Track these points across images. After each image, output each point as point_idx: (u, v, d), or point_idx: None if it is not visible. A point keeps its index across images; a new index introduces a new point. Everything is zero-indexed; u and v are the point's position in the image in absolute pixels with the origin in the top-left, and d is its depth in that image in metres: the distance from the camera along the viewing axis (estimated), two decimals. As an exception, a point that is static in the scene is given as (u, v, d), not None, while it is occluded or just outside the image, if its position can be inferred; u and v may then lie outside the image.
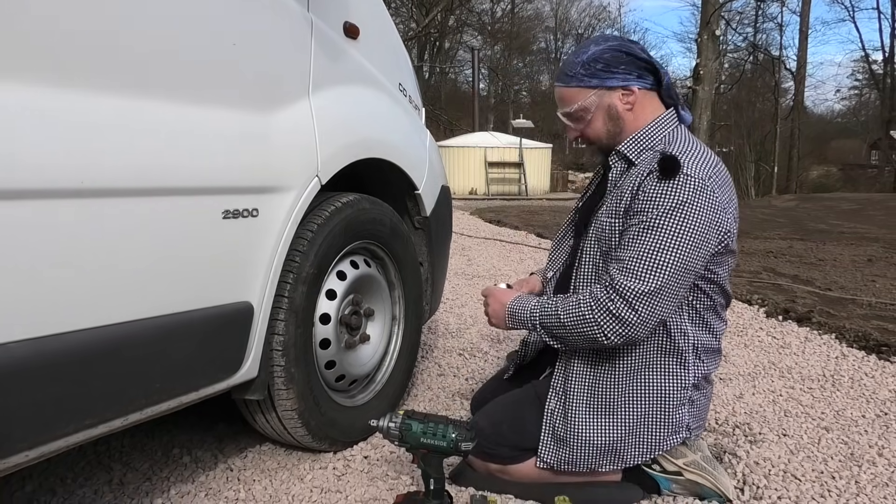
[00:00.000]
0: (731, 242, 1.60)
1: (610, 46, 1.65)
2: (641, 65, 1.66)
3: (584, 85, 1.66)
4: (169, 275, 1.34)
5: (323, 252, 1.78)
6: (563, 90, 1.70)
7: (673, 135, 1.65)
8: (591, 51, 1.65)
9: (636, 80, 1.65)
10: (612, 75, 1.64)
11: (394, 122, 2.20)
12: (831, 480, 1.80)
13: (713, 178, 1.54)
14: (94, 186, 1.17)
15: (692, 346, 1.64)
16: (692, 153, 1.57)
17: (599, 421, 1.64)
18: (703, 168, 1.54)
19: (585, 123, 1.70)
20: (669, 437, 1.64)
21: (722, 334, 1.73)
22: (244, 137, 1.52)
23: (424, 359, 2.87)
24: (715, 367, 1.73)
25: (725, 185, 1.59)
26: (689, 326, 1.63)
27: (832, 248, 6.88)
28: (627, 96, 1.65)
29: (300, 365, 1.73)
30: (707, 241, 1.52)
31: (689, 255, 1.50)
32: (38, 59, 1.11)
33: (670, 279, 1.50)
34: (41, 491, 1.74)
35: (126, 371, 1.28)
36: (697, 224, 1.50)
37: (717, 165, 1.59)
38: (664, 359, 1.63)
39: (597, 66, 1.64)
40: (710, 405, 1.76)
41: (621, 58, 1.64)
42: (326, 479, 1.81)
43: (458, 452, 1.54)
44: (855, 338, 3.23)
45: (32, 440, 1.14)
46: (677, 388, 1.63)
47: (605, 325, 1.52)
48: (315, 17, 1.78)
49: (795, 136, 29.95)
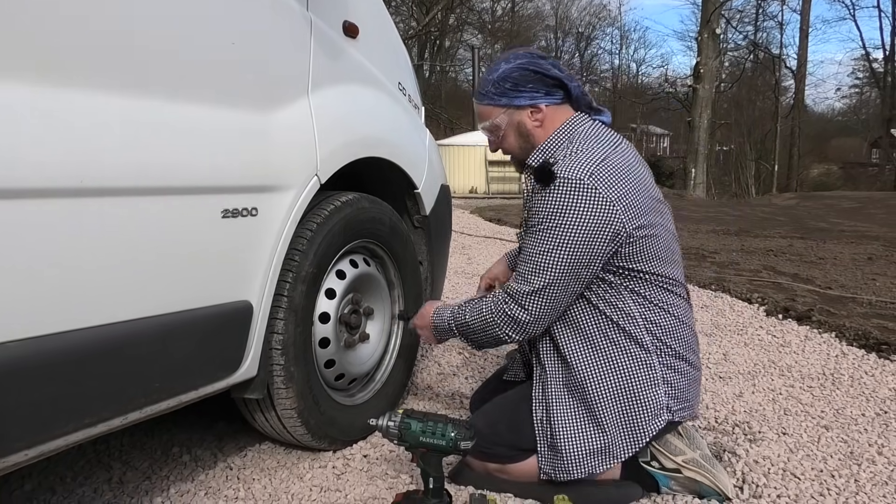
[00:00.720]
0: (634, 229, 1.58)
1: (519, 65, 1.69)
2: (550, 82, 1.70)
3: (494, 103, 1.73)
4: (168, 274, 1.34)
5: (322, 251, 1.78)
6: (478, 107, 1.78)
7: (573, 139, 1.68)
8: (502, 69, 1.70)
9: (544, 98, 1.70)
10: (519, 94, 1.69)
11: (393, 121, 2.20)
12: (831, 479, 1.80)
13: (595, 174, 1.56)
14: (94, 185, 1.17)
15: (644, 329, 1.65)
16: (577, 154, 1.61)
17: (581, 423, 1.65)
18: (583, 168, 1.57)
19: (500, 138, 1.77)
20: (652, 421, 1.63)
21: (681, 307, 1.71)
22: (243, 136, 1.52)
23: (424, 357, 2.87)
24: (685, 342, 1.70)
25: (616, 175, 1.59)
26: (635, 309, 1.64)
27: (832, 246, 6.88)
28: (536, 114, 1.71)
29: (299, 364, 1.74)
30: (591, 239, 1.56)
31: (571, 254, 1.56)
32: (39, 59, 1.11)
33: (555, 279, 1.58)
34: (41, 490, 1.74)
35: (125, 370, 1.28)
36: (576, 224, 1.55)
37: (607, 159, 1.60)
38: (620, 346, 1.64)
39: (506, 84, 1.69)
40: (696, 387, 1.73)
41: (529, 76, 1.68)
42: (326, 477, 1.81)
43: (457, 451, 1.54)
44: (855, 336, 3.23)
45: (32, 439, 1.14)
46: (642, 370, 1.63)
47: (503, 325, 1.64)
48: (314, 16, 1.78)
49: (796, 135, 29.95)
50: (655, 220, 1.65)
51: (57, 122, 1.13)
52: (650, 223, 1.63)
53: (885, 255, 6.19)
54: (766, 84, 32.79)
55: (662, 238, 1.67)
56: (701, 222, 9.90)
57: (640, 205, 1.61)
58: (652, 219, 1.64)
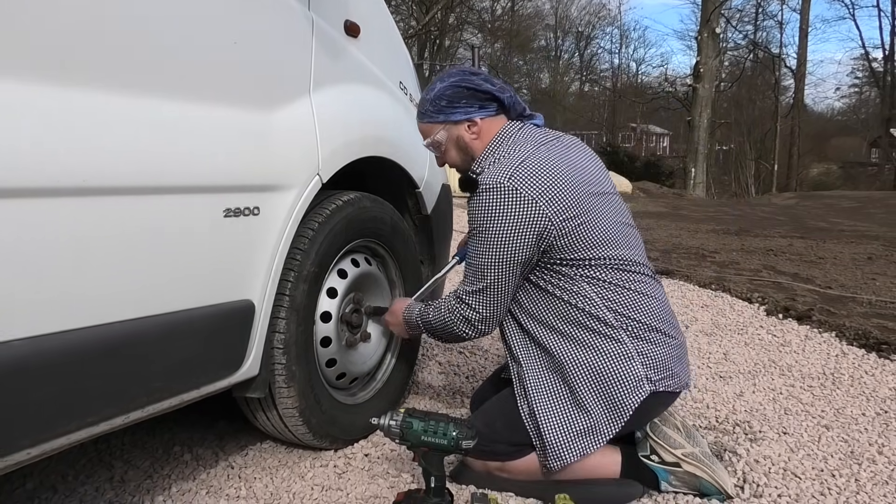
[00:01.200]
0: (562, 221, 1.63)
1: (452, 83, 1.77)
2: (482, 96, 1.78)
3: (432, 121, 1.81)
4: (170, 273, 1.35)
5: (324, 250, 1.78)
6: (419, 125, 1.87)
7: (501, 146, 1.76)
8: (437, 88, 1.78)
9: (478, 111, 1.78)
10: (454, 110, 1.78)
11: (395, 121, 2.20)
12: (831, 478, 1.80)
13: (514, 175, 1.64)
14: (97, 185, 1.18)
15: (605, 307, 1.67)
16: (501, 160, 1.71)
17: (564, 408, 1.67)
18: (502, 172, 1.65)
19: (442, 153, 1.86)
20: (632, 395, 1.64)
21: (642, 283, 1.73)
22: (245, 136, 1.52)
23: (425, 357, 2.87)
24: (654, 314, 1.71)
25: (539, 174, 1.64)
26: (591, 291, 1.68)
27: (832, 246, 6.88)
28: (472, 127, 1.79)
29: (301, 363, 1.74)
30: (519, 236, 1.63)
31: (504, 253, 1.65)
32: (41, 58, 1.11)
33: (494, 278, 1.68)
34: (42, 488, 1.75)
35: (127, 369, 1.28)
36: (503, 225, 1.63)
37: (527, 160, 1.67)
38: (587, 327, 1.67)
39: (441, 102, 1.78)
40: (677, 355, 1.73)
41: (462, 93, 1.77)
42: (327, 476, 1.81)
43: (458, 450, 1.55)
44: (855, 336, 3.23)
45: (34, 437, 1.14)
46: (612, 345, 1.66)
47: (458, 324, 1.76)
48: (316, 15, 1.78)
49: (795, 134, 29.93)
50: (589, 209, 1.68)
51: (59, 122, 1.13)
52: (582, 213, 1.67)
53: (884, 254, 6.19)
54: (766, 83, 32.78)
55: (600, 226, 1.70)
56: (701, 222, 9.90)
57: (566, 197, 1.65)
58: (584, 209, 1.67)
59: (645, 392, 1.64)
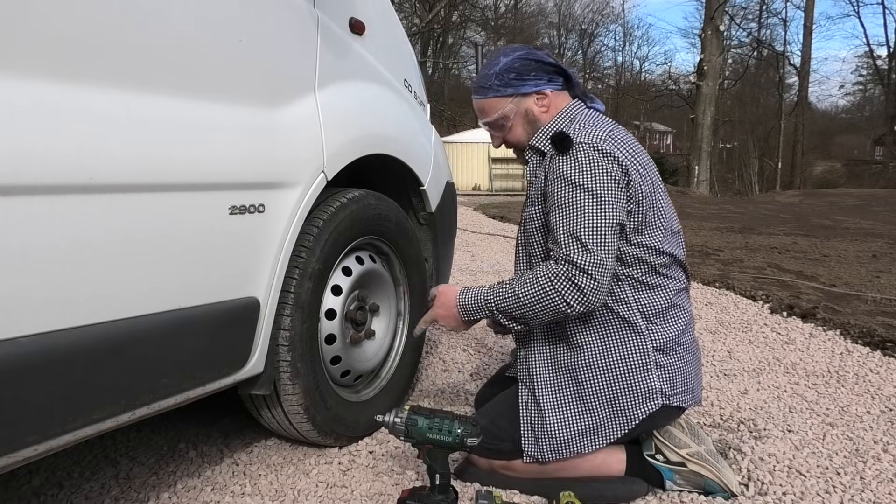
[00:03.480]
0: (638, 194, 1.63)
1: (518, 56, 1.75)
2: (550, 69, 1.76)
3: (500, 94, 1.77)
4: (176, 270, 1.35)
5: (329, 248, 1.78)
6: (483, 102, 1.80)
7: (574, 121, 1.74)
8: (503, 62, 1.75)
9: (548, 84, 1.76)
10: (524, 82, 1.75)
11: (399, 118, 2.20)
12: (836, 476, 1.80)
13: (608, 139, 1.62)
14: (103, 182, 1.18)
15: (640, 313, 1.66)
16: (586, 126, 1.68)
17: (570, 404, 1.67)
18: (595, 134, 1.63)
19: (507, 130, 1.81)
20: (643, 405, 1.64)
21: (677, 292, 1.72)
22: (251, 133, 1.52)
23: (429, 354, 2.87)
24: (681, 327, 1.71)
25: (625, 145, 1.65)
26: (630, 293, 1.67)
27: (836, 243, 6.87)
28: (542, 99, 1.76)
29: (306, 360, 1.74)
30: (618, 190, 1.60)
31: (610, 206, 1.58)
32: (48, 55, 1.11)
33: (608, 237, 1.58)
34: (48, 485, 1.75)
35: (133, 366, 1.28)
36: (604, 177, 1.59)
37: (615, 130, 1.68)
38: (614, 330, 1.66)
39: (509, 75, 1.75)
40: (693, 371, 1.73)
41: (531, 65, 1.75)
42: (332, 473, 1.81)
43: (463, 448, 1.55)
44: (860, 334, 3.23)
45: (41, 434, 1.14)
46: (636, 355, 1.65)
47: (567, 296, 1.56)
48: (321, 13, 1.78)
49: (799, 132, 29.89)
50: (659, 199, 1.69)
51: (66, 120, 1.13)
52: (655, 199, 1.67)
53: (889, 252, 6.18)
54: (770, 81, 32.73)
55: (666, 211, 1.70)
56: (704, 220, 9.89)
57: (647, 178, 1.66)
58: (656, 196, 1.68)
59: (657, 405, 1.65)
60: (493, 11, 37.07)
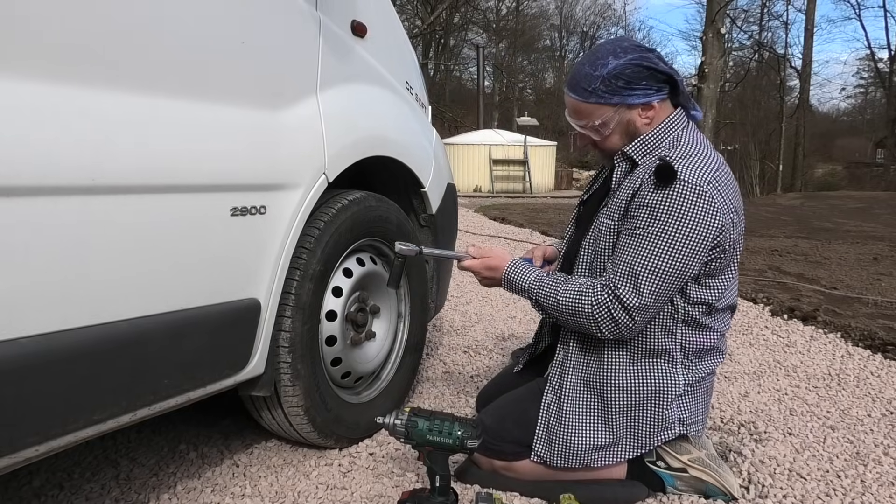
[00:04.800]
0: (727, 243, 1.56)
1: (630, 61, 1.58)
2: (661, 77, 1.62)
3: (604, 102, 1.62)
4: (177, 271, 1.35)
5: (329, 249, 1.79)
6: (581, 105, 1.65)
7: (679, 137, 1.63)
8: (612, 65, 1.58)
9: (656, 94, 1.62)
10: (632, 92, 1.60)
11: (400, 120, 2.20)
12: (837, 479, 1.80)
13: (712, 182, 1.53)
14: (105, 183, 1.18)
15: (680, 346, 1.64)
16: (693, 157, 1.56)
17: (592, 417, 1.66)
18: (702, 173, 1.52)
19: (602, 137, 1.68)
20: (661, 433, 1.65)
21: (721, 333, 1.71)
22: (253, 135, 1.52)
23: (429, 356, 2.88)
24: (714, 366, 1.72)
25: (726, 187, 1.57)
26: (681, 328, 1.63)
27: (837, 246, 6.87)
28: (647, 111, 1.63)
29: (306, 362, 1.74)
30: (702, 245, 1.52)
31: (684, 261, 1.52)
32: (51, 57, 1.11)
33: (666, 286, 1.53)
34: (49, 486, 1.75)
35: (134, 367, 1.28)
36: (693, 230, 1.50)
37: (720, 168, 1.58)
38: (652, 357, 1.64)
39: (617, 82, 1.59)
40: (709, 400, 1.75)
41: (642, 73, 1.59)
42: (332, 475, 1.81)
43: (463, 450, 1.55)
44: (860, 336, 3.22)
45: (42, 434, 1.14)
46: (666, 386, 1.64)
47: (601, 324, 1.56)
48: (323, 15, 1.78)
49: (800, 135, 29.88)
50: (737, 246, 1.63)
51: (68, 121, 1.13)
52: (741, 236, 1.62)
53: (890, 255, 6.18)
54: (771, 84, 32.72)
55: (734, 257, 1.64)
56: (705, 222, 9.86)
57: (736, 219, 1.58)
58: (741, 232, 1.62)
59: (674, 434, 1.66)
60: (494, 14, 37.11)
